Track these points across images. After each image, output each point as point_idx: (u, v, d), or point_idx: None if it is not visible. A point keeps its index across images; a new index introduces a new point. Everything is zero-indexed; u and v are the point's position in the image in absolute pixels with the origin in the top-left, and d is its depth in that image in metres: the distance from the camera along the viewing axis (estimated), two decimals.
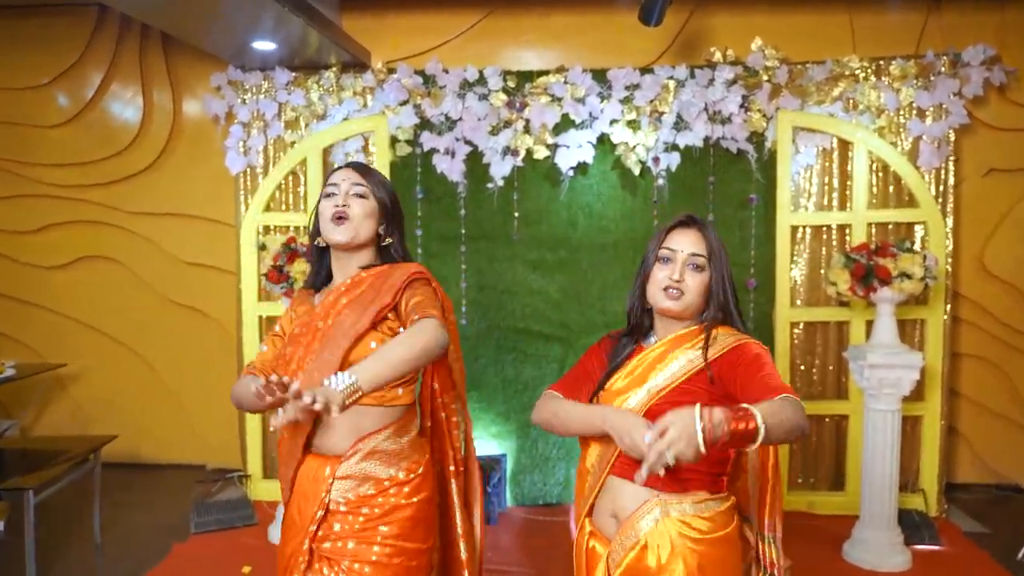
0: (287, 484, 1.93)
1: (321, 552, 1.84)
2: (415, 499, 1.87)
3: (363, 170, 1.97)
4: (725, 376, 1.72)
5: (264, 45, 3.98)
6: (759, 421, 1.43)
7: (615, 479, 1.77)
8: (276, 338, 2.00)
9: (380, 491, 1.84)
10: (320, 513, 1.83)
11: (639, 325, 1.91)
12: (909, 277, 3.55)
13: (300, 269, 3.75)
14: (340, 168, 1.98)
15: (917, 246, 3.82)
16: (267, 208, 4.42)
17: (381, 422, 1.87)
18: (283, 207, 4.47)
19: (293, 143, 4.42)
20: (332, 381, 1.59)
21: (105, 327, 5.00)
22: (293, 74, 4.39)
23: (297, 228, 4.39)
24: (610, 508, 1.78)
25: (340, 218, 1.89)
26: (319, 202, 1.95)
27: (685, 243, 1.82)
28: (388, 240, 1.97)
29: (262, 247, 3.91)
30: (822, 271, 4.23)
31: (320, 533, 1.84)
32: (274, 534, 3.92)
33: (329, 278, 2.00)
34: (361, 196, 1.92)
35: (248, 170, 4.50)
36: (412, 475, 1.88)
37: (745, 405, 1.47)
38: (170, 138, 4.80)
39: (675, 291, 1.79)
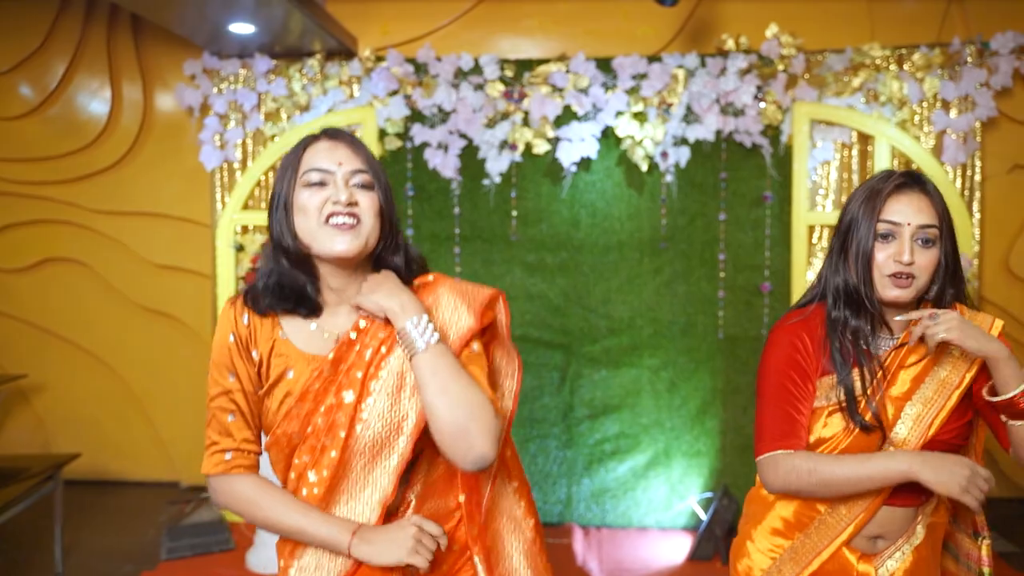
0: None
1: None
2: None
3: (356, 145, 1.39)
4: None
5: (242, 28, 3.67)
6: None
7: (888, 508, 1.53)
8: (242, 396, 1.40)
9: (457, 524, 1.47)
10: None
11: (862, 315, 1.53)
12: None
13: None
14: (317, 138, 1.38)
15: None
16: (245, 206, 4.11)
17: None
18: (263, 205, 4.16)
19: (274, 136, 4.12)
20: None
21: (70, 334, 4.66)
22: (274, 62, 4.08)
23: None
24: (875, 532, 1.55)
25: (346, 222, 1.32)
26: (288, 189, 1.36)
27: (910, 212, 1.47)
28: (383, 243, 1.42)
29: (239, 248, 3.60)
30: None
31: None
32: (253, 560, 3.62)
33: (299, 301, 1.40)
34: (365, 187, 1.35)
35: (225, 165, 4.19)
36: None
37: None
38: (140, 131, 4.47)
39: (905, 277, 1.47)
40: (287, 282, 1.37)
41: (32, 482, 3.45)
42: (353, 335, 1.38)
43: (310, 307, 1.40)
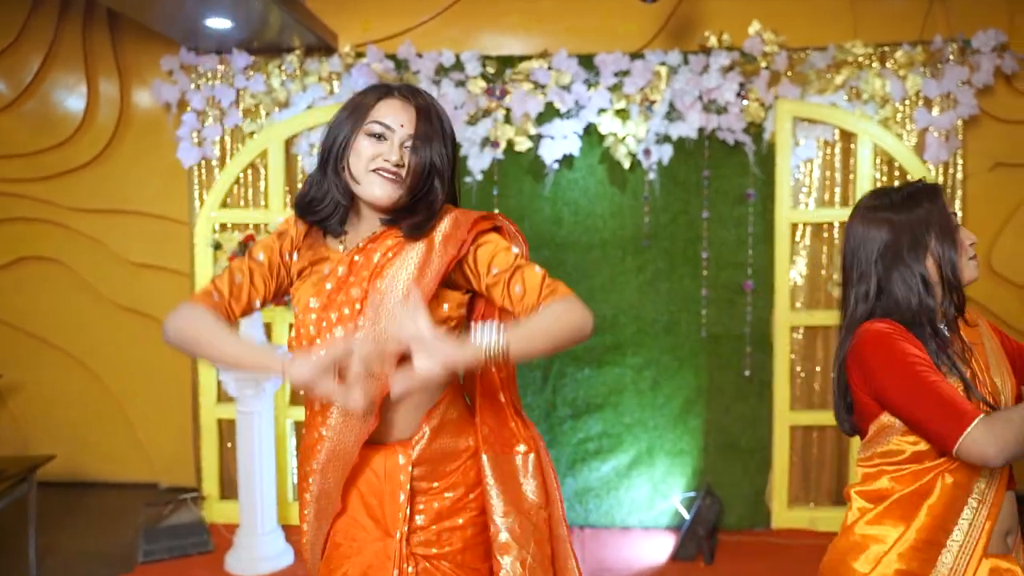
0: (336, 489, 1.59)
1: (417, 554, 1.56)
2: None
3: (425, 110, 1.55)
4: None
5: (219, 23, 3.61)
6: None
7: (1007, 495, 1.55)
8: (255, 267, 1.58)
9: (460, 465, 1.63)
10: (407, 508, 1.56)
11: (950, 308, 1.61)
12: None
13: None
14: (392, 92, 1.56)
15: None
16: (224, 204, 4.05)
17: (441, 389, 1.59)
18: (241, 203, 4.10)
19: (252, 133, 4.06)
20: (478, 334, 1.36)
21: (46, 334, 4.58)
22: (252, 58, 4.02)
23: (257, 226, 4.02)
24: (1003, 528, 1.54)
25: (389, 176, 1.52)
26: (352, 128, 1.54)
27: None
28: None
29: (217, 246, 3.55)
30: (823, 272, 3.97)
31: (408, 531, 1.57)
32: (232, 562, 3.58)
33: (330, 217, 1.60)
34: (416, 150, 1.53)
35: (203, 163, 4.13)
36: (474, 440, 1.66)
37: None
38: (117, 128, 4.39)
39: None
40: (327, 196, 1.57)
41: (6, 484, 3.39)
42: (368, 241, 1.58)
43: (337, 224, 1.59)
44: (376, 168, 1.51)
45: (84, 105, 4.37)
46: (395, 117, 1.53)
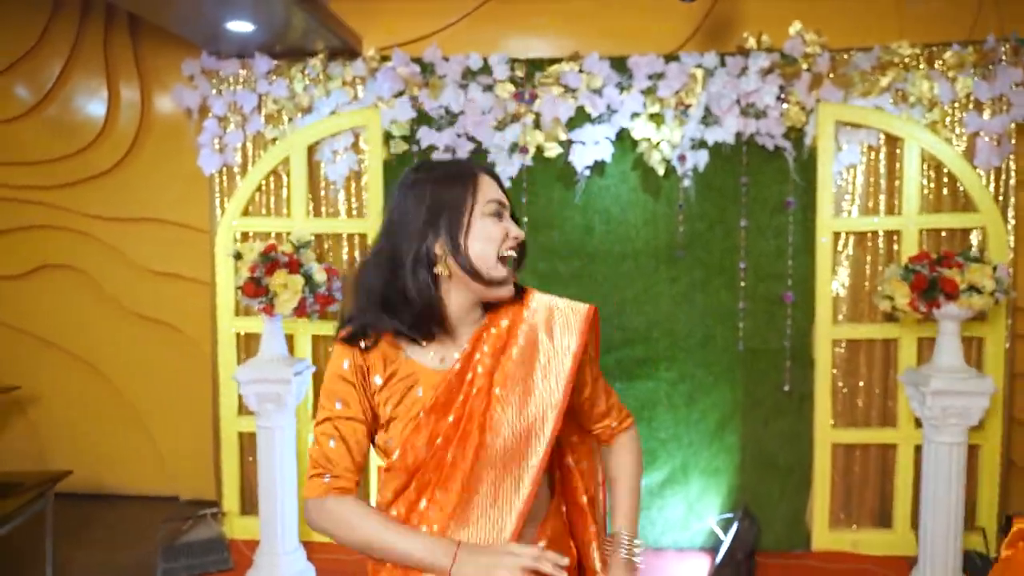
0: None
1: None
2: None
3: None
4: None
5: (240, 26, 3.51)
6: None
7: None
8: (350, 424, 1.40)
9: None
10: None
11: None
12: (978, 291, 3.11)
13: (280, 282, 3.28)
14: (476, 171, 1.43)
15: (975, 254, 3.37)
16: (245, 212, 3.96)
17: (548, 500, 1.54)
18: (263, 211, 4.00)
19: (275, 139, 3.95)
20: (624, 548, 1.50)
21: (66, 344, 4.52)
22: (274, 62, 3.91)
23: (279, 235, 3.91)
24: None
25: (513, 258, 1.43)
26: (467, 212, 1.37)
27: None
28: None
29: (237, 256, 3.43)
30: (866, 283, 3.79)
31: None
32: None
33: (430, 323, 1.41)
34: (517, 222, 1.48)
35: (224, 170, 4.03)
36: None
37: None
38: (138, 134, 4.31)
39: None
40: (423, 301, 1.37)
41: (23, 499, 3.32)
42: (471, 349, 1.42)
43: (438, 329, 1.42)
44: (506, 250, 1.39)
45: (105, 111, 4.28)
46: (497, 191, 1.43)
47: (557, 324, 1.45)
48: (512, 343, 1.41)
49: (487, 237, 1.37)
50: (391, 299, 1.38)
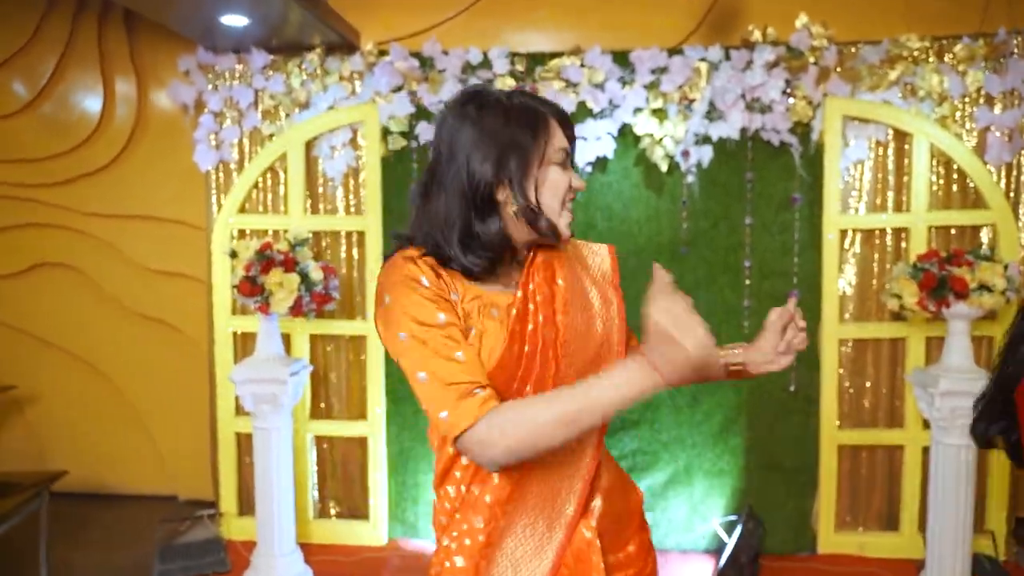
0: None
1: None
2: None
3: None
4: None
5: (235, 21, 3.45)
6: None
7: None
8: (454, 333, 1.26)
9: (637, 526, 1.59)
10: None
11: None
12: (989, 290, 3.04)
13: (275, 280, 3.23)
14: (547, 114, 1.36)
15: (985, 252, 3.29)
16: (242, 209, 3.90)
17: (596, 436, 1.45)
18: (261, 208, 3.94)
19: (271, 135, 3.89)
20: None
21: (63, 342, 4.47)
22: (271, 57, 3.85)
23: (276, 232, 3.86)
24: None
25: (570, 208, 1.42)
26: (535, 155, 1.31)
27: None
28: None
29: (232, 254, 3.38)
30: (874, 281, 3.72)
31: None
32: None
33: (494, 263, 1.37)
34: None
35: (221, 166, 3.97)
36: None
37: None
38: (134, 130, 4.25)
39: None
40: (494, 246, 1.33)
41: (18, 500, 3.28)
42: (525, 279, 1.38)
43: (495, 269, 1.36)
44: (566, 200, 1.38)
45: (100, 107, 4.23)
46: (563, 137, 1.39)
47: (585, 252, 1.50)
48: (557, 271, 1.39)
49: (553, 187, 1.34)
50: (465, 237, 1.31)
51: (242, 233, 3.90)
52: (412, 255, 1.32)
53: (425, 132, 3.74)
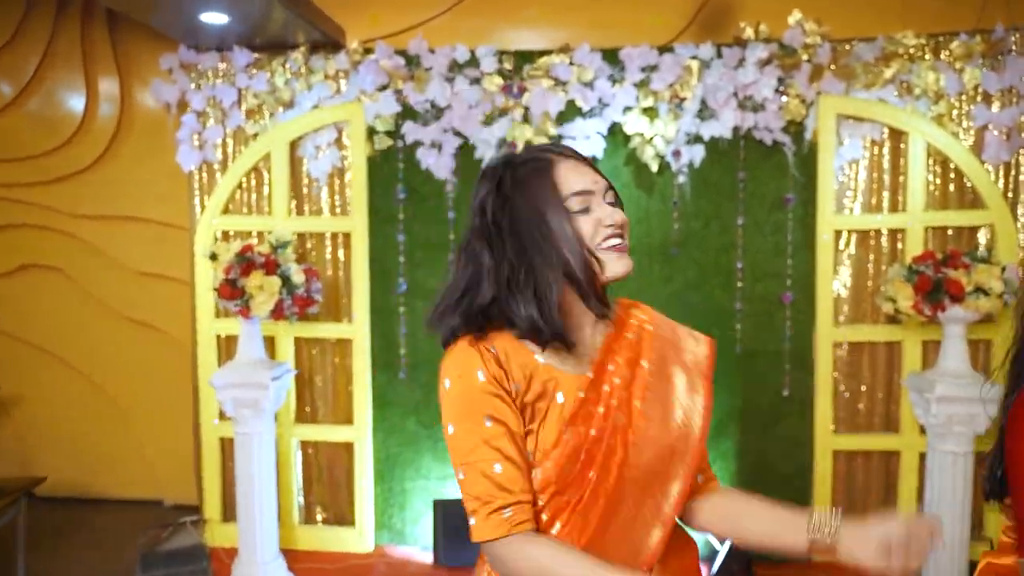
0: None
1: None
2: None
3: (586, 159, 1.35)
4: None
5: (215, 18, 3.38)
6: None
7: None
8: (509, 440, 1.23)
9: None
10: None
11: None
12: (986, 293, 2.96)
13: (256, 283, 3.16)
14: (553, 157, 1.30)
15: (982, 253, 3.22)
16: (226, 210, 3.83)
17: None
18: (244, 209, 3.88)
19: (255, 135, 3.83)
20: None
21: (47, 345, 4.41)
22: (254, 55, 3.78)
23: (260, 234, 3.79)
24: None
25: (621, 243, 1.28)
26: (555, 211, 1.25)
27: None
28: None
29: (212, 256, 3.31)
30: (869, 283, 3.64)
31: None
32: None
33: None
34: (618, 204, 1.34)
35: (204, 166, 3.90)
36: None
37: None
38: (118, 130, 4.19)
39: None
40: (542, 318, 1.26)
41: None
42: (603, 358, 1.31)
43: (563, 333, 1.28)
44: (605, 239, 1.26)
45: (83, 106, 4.17)
46: (583, 175, 1.29)
47: (682, 334, 1.39)
48: (644, 353, 1.32)
49: (580, 233, 1.26)
50: (504, 309, 1.27)
51: (226, 235, 3.83)
52: (466, 340, 1.28)
53: (412, 131, 3.67)
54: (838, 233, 3.62)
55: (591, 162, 1.33)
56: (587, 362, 1.30)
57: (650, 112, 3.59)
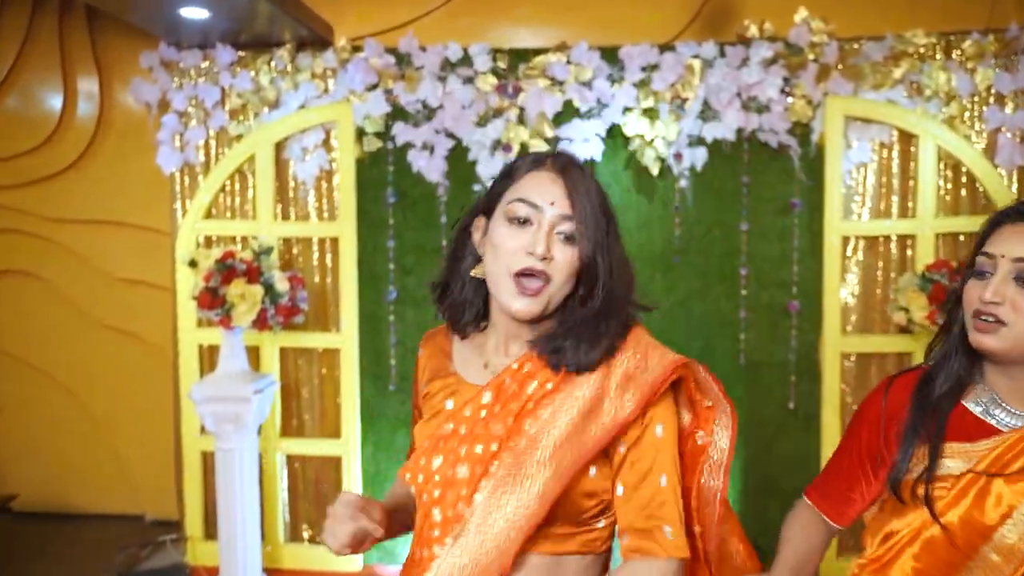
0: None
1: None
2: None
3: (576, 182, 1.19)
4: None
5: (195, 13, 3.24)
6: None
7: None
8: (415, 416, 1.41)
9: None
10: None
11: (958, 368, 1.34)
12: None
13: (237, 292, 3.01)
14: (544, 163, 1.22)
15: None
16: (208, 215, 3.68)
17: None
18: (228, 214, 3.73)
19: (239, 136, 3.68)
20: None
21: (22, 354, 4.26)
22: (239, 53, 3.64)
23: (244, 239, 3.64)
24: None
25: (532, 286, 1.17)
26: (488, 214, 1.23)
27: (1014, 244, 1.23)
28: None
29: (191, 263, 3.16)
30: (878, 291, 3.52)
31: None
32: None
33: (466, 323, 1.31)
34: (568, 240, 1.18)
35: (185, 168, 3.76)
36: None
37: None
38: (97, 130, 4.04)
39: (988, 319, 1.24)
40: (473, 305, 1.30)
41: None
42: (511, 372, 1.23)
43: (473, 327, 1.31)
44: (519, 271, 1.15)
45: (61, 105, 4.02)
46: (543, 190, 1.18)
47: (649, 353, 1.24)
48: (575, 380, 1.19)
49: (494, 248, 1.18)
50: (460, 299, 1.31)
51: (208, 240, 3.69)
52: (438, 329, 1.37)
53: (402, 133, 3.54)
54: (846, 239, 3.51)
55: (576, 185, 1.19)
56: (490, 375, 1.25)
57: (651, 113, 3.48)
